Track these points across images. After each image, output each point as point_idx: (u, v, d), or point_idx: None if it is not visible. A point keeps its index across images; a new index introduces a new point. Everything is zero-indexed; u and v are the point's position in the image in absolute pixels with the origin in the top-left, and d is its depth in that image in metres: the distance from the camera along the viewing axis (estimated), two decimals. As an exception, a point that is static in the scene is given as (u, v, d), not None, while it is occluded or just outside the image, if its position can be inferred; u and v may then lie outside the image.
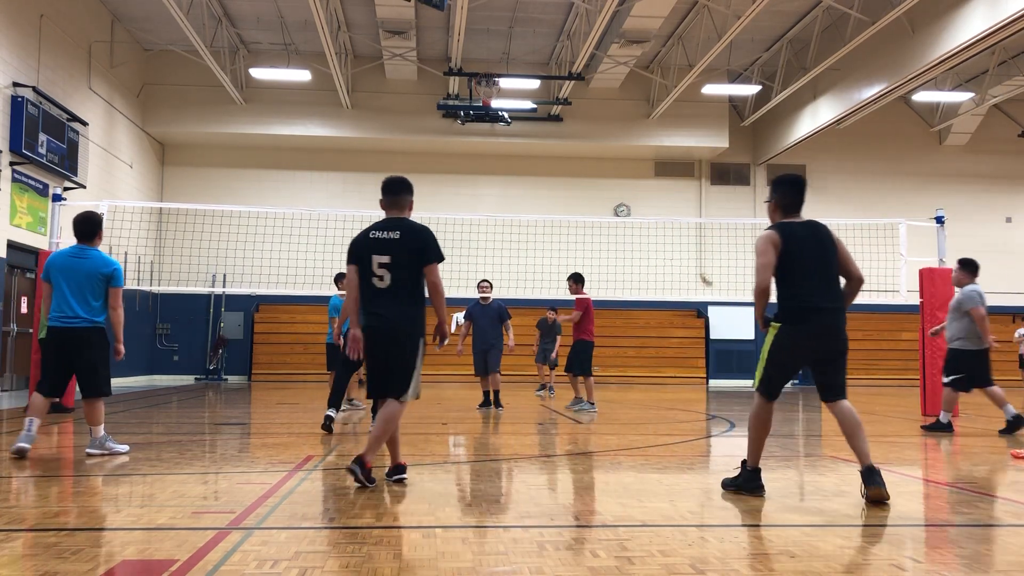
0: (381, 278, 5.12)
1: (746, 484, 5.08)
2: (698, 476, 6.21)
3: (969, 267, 9.16)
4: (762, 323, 5.11)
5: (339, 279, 10.85)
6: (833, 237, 5.08)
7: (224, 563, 3.35)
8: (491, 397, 11.70)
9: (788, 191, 5.18)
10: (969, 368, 8.90)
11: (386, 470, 5.41)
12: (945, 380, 9.13)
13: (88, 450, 6.48)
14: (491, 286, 11.99)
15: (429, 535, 3.91)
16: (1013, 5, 13.74)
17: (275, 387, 18.31)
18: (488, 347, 11.56)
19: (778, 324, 5.01)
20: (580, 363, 11.77)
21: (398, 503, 4.69)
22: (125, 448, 6.62)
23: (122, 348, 6.76)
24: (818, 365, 5.07)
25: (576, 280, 12.00)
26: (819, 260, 4.99)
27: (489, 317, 11.64)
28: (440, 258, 5.20)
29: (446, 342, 5.26)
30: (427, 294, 5.27)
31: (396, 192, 5.37)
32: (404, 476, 5.32)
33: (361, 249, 5.20)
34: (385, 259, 5.11)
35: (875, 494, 4.67)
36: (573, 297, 11.98)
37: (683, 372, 22.69)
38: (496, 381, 11.64)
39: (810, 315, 4.95)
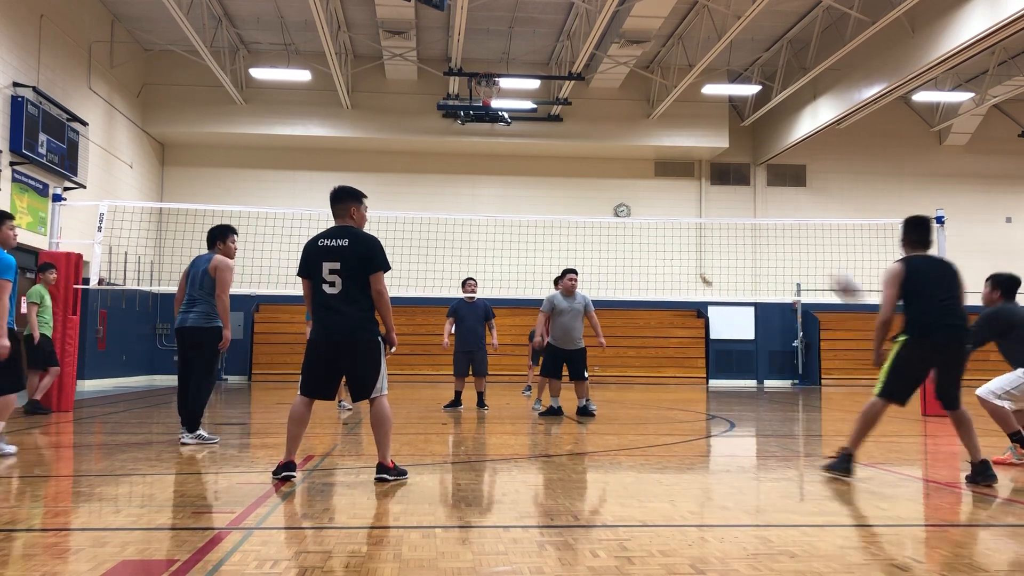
0: (332, 284, 5.32)
1: (840, 465, 5.73)
2: (698, 476, 6.21)
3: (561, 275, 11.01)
4: (877, 357, 5.71)
5: None
6: (957, 273, 5.81)
7: (224, 563, 3.35)
8: (459, 398, 11.68)
9: (912, 230, 6.03)
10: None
11: (274, 468, 5.49)
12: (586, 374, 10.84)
13: (5, 447, 6.34)
14: (477, 284, 11.87)
15: (429, 535, 3.90)
16: (1013, 5, 13.73)
17: (275, 387, 18.32)
18: (474, 348, 11.44)
19: (904, 336, 5.65)
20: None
21: (398, 503, 4.69)
22: (12, 449, 6.46)
23: (6, 342, 6.36)
24: (938, 375, 5.68)
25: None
26: (940, 285, 5.67)
27: (476, 316, 11.49)
28: (386, 267, 5.40)
29: (394, 348, 5.54)
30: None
31: (344, 200, 5.58)
32: (293, 475, 5.40)
33: (312, 256, 5.40)
34: (335, 265, 5.32)
35: (987, 486, 5.36)
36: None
37: (683, 372, 22.68)
38: (481, 383, 11.62)
39: (933, 329, 5.57)
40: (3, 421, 6.45)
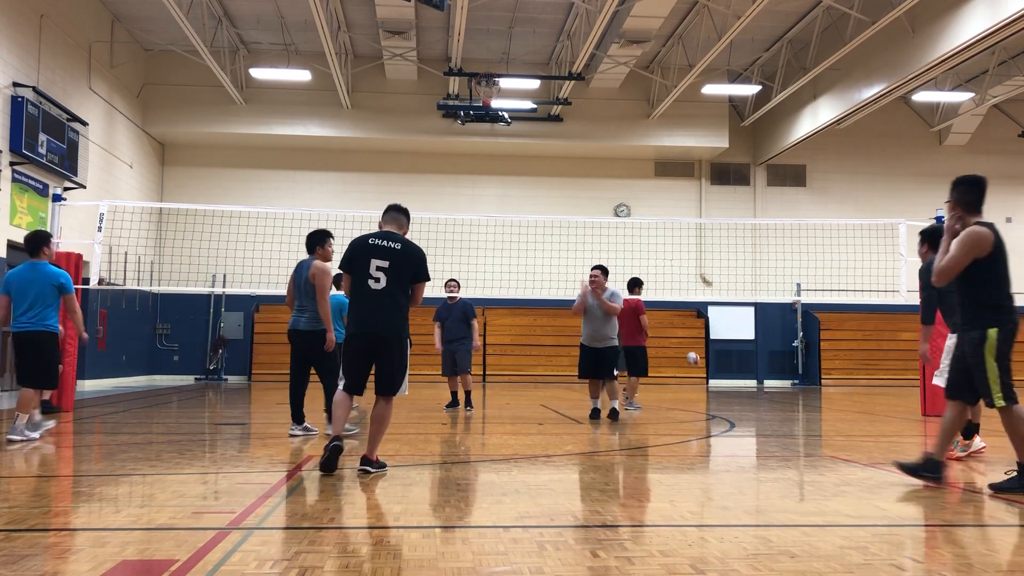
0: (377, 280, 5.61)
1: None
2: (698, 476, 6.21)
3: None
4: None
5: (337, 281, 10.81)
6: None
7: (224, 563, 3.35)
8: (459, 397, 11.74)
9: (967, 191, 5.46)
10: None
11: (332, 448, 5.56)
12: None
13: (30, 434, 7.36)
14: (458, 285, 11.89)
15: (429, 535, 3.91)
16: (1013, 5, 13.74)
17: (275, 387, 18.30)
18: (455, 347, 11.56)
19: (996, 328, 5.09)
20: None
21: (398, 503, 4.69)
22: (38, 434, 7.53)
23: (86, 335, 8.38)
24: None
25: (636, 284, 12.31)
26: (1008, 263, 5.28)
27: (454, 317, 11.64)
28: (428, 278, 5.81)
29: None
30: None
31: (398, 211, 5.99)
32: (340, 444, 5.61)
33: (360, 252, 5.69)
34: (384, 263, 5.62)
35: None
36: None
37: (683, 372, 22.65)
38: (467, 382, 11.65)
39: (1016, 316, 5.16)
40: (26, 413, 7.35)
